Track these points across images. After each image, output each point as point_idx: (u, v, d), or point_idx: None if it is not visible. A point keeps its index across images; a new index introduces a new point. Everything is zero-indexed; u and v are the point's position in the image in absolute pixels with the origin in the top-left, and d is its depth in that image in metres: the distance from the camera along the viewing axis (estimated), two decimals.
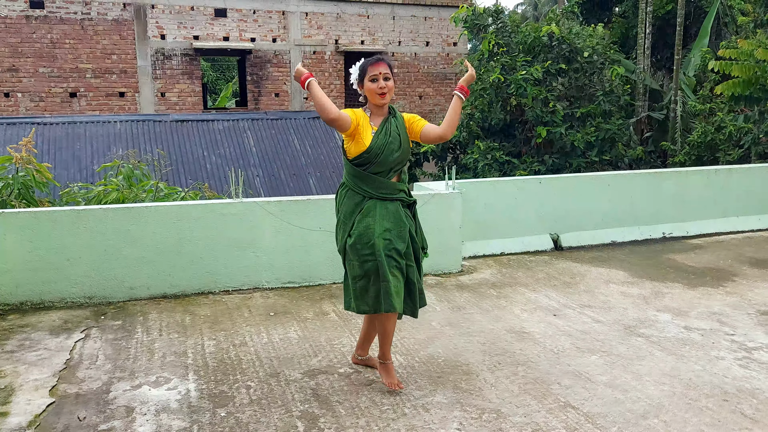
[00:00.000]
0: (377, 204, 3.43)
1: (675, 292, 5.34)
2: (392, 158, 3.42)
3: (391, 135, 3.43)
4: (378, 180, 3.42)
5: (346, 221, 3.46)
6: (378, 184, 3.43)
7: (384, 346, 3.55)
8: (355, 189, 3.45)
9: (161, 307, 4.95)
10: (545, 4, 43.05)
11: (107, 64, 15.78)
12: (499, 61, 12.09)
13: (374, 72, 3.39)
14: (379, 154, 3.38)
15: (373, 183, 3.43)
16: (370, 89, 3.41)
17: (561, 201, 6.82)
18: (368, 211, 3.41)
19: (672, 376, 3.73)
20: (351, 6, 17.60)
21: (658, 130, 14.56)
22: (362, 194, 3.44)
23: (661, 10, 16.50)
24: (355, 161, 3.43)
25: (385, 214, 3.41)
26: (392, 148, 3.41)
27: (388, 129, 3.43)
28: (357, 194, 3.45)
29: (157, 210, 5.09)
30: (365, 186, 3.43)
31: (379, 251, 3.34)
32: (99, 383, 3.64)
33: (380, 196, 3.43)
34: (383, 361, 3.58)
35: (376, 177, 3.42)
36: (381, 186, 3.44)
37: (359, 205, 3.44)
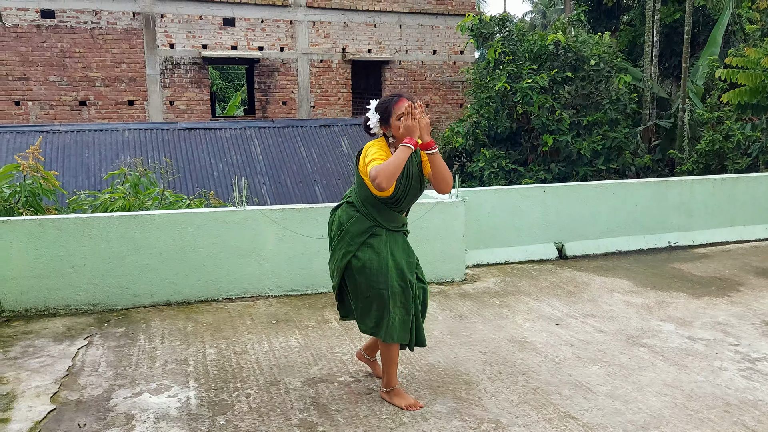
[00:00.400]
0: (386, 234, 3.41)
1: (679, 302, 5.30)
2: (413, 200, 3.46)
3: (413, 178, 3.38)
4: (393, 214, 3.43)
5: (352, 241, 3.39)
6: (392, 217, 3.43)
7: (388, 373, 3.49)
8: (367, 217, 3.40)
9: (164, 314, 4.97)
10: (554, 13, 43.13)
11: (116, 72, 15.92)
12: (505, 69, 12.11)
13: (400, 111, 3.27)
14: (401, 199, 3.39)
15: (388, 216, 3.41)
16: (397, 127, 3.28)
17: (565, 209, 6.80)
18: (379, 238, 3.38)
19: (674, 386, 3.71)
20: (358, 15, 17.69)
21: (666, 138, 14.50)
22: (372, 223, 3.40)
23: (669, 18, 16.46)
24: (380, 198, 3.36)
25: (396, 245, 3.42)
26: (414, 193, 3.42)
27: (410, 171, 3.35)
28: (367, 221, 3.40)
29: (161, 218, 5.12)
30: (379, 217, 3.39)
31: (392, 282, 3.34)
32: (100, 390, 3.66)
33: (390, 228, 3.42)
34: (389, 389, 3.51)
35: (392, 211, 3.42)
36: (394, 219, 3.44)
37: (368, 230, 3.39)
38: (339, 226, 3.47)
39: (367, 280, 3.36)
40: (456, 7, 18.58)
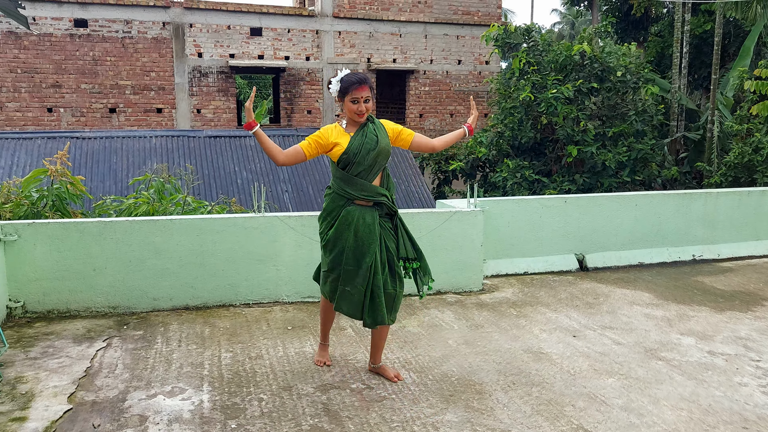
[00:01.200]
0: (357, 213, 3.64)
1: (701, 316, 5.20)
2: (370, 156, 3.63)
3: (367, 136, 3.65)
4: (360, 182, 3.64)
5: (324, 217, 3.75)
6: (360, 186, 3.64)
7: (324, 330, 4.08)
8: (340, 192, 3.68)
9: (182, 318, 5.03)
10: (582, 23, 42.85)
11: (146, 81, 16.24)
12: (530, 80, 12.06)
13: (356, 95, 3.60)
14: (357, 153, 3.62)
15: (356, 185, 3.65)
16: (349, 109, 3.65)
17: (587, 220, 6.73)
18: (346, 219, 3.65)
19: (690, 401, 3.63)
20: (383, 25, 17.80)
21: (694, 150, 14.28)
22: (346, 196, 3.67)
23: (699, 29, 16.25)
24: (339, 164, 3.65)
25: (360, 226, 3.63)
26: (368, 147, 3.62)
27: (364, 132, 3.69)
28: (341, 197, 3.69)
29: (181, 223, 5.19)
30: (349, 188, 3.66)
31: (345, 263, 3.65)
32: (116, 392, 3.72)
33: (363, 197, 3.64)
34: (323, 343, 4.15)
35: (358, 179, 3.63)
36: (363, 188, 3.65)
37: (341, 207, 3.68)
38: (322, 206, 3.83)
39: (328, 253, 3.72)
40: (482, 17, 18.58)
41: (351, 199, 3.66)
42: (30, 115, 15.60)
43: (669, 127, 14.24)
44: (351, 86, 3.61)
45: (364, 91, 3.61)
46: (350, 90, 3.61)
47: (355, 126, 3.70)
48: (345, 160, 3.62)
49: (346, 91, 3.62)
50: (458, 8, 18.39)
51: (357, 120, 3.66)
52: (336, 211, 3.69)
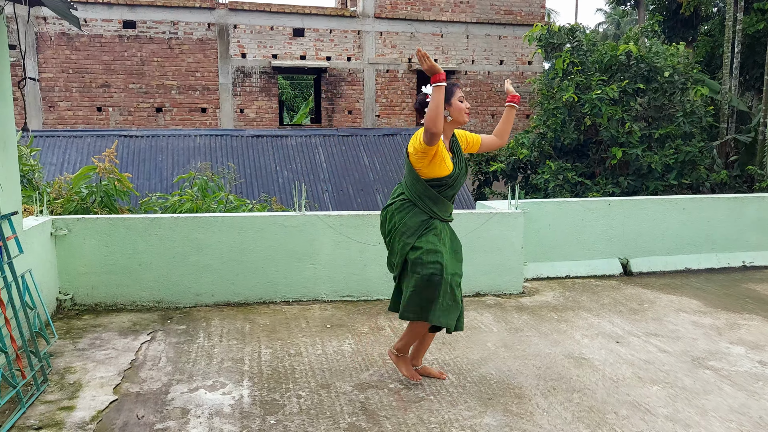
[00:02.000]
0: (440, 225, 3.61)
1: (752, 324, 5.02)
2: (461, 182, 3.66)
3: (462, 160, 3.65)
4: (447, 203, 3.63)
5: (410, 233, 3.55)
6: (446, 206, 3.64)
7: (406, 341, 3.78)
8: (423, 208, 3.57)
9: (224, 314, 5.10)
10: (628, 23, 41.95)
11: (191, 81, 16.57)
12: (573, 80, 11.85)
13: (461, 94, 3.61)
14: (457, 178, 3.60)
15: (442, 205, 3.61)
16: (460, 108, 3.59)
17: (631, 224, 6.57)
18: (435, 229, 3.56)
19: (740, 413, 3.50)
20: (425, 25, 17.76)
21: (745, 153, 13.79)
22: (429, 215, 3.58)
23: (752, 28, 15.70)
24: (432, 183, 3.55)
25: (449, 236, 3.65)
26: (462, 172, 3.66)
27: (459, 153, 3.67)
28: (423, 213, 3.58)
29: (223, 220, 5.28)
30: (435, 208, 3.58)
31: (446, 273, 3.51)
32: (159, 384, 3.79)
33: (444, 218, 3.62)
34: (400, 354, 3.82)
35: (446, 201, 3.62)
36: (447, 209, 3.65)
37: (425, 223, 3.57)
38: (394, 221, 3.62)
39: (422, 270, 3.49)
40: (525, 17, 18.36)
41: (433, 217, 3.59)
42: (80, 114, 16.09)
43: (719, 130, 13.80)
44: (454, 86, 3.61)
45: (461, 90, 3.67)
46: (454, 90, 3.59)
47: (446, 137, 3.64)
48: (444, 183, 3.55)
49: (451, 93, 3.58)
50: (500, 8, 18.22)
51: (466, 119, 3.61)
52: (420, 226, 3.56)
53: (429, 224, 3.56)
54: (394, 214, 3.63)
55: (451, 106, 3.58)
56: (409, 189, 3.60)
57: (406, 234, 3.55)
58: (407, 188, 3.61)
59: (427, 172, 3.53)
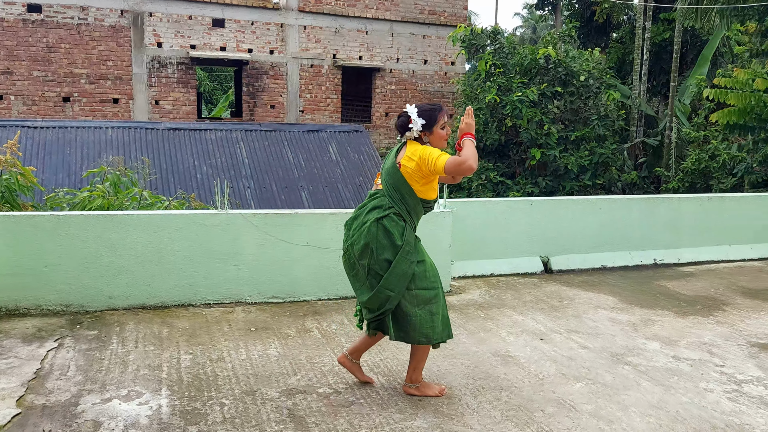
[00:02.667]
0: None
1: (665, 320, 5.25)
2: None
3: None
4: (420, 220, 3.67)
5: (412, 252, 3.47)
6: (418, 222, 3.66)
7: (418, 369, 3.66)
8: (411, 225, 3.55)
9: (139, 317, 4.82)
10: (544, 28, 43.50)
11: (102, 70, 15.72)
12: (496, 82, 12.10)
13: (444, 120, 3.52)
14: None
15: (419, 220, 3.62)
16: (442, 137, 3.51)
17: (552, 223, 6.75)
18: (419, 243, 3.59)
19: (659, 407, 3.63)
20: (349, 21, 17.65)
21: (653, 155, 14.59)
22: (413, 228, 3.58)
23: (658, 37, 16.62)
24: (424, 203, 3.56)
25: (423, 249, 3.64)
26: None
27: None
28: (411, 230, 3.56)
29: (140, 218, 4.98)
30: (416, 222, 3.62)
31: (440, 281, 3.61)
32: (68, 395, 3.51)
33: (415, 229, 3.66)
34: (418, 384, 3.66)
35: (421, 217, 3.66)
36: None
37: (416, 238, 3.57)
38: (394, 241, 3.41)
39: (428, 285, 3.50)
40: (448, 17, 18.61)
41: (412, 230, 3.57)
42: None
43: (629, 133, 14.52)
44: (436, 113, 3.47)
45: (446, 115, 3.55)
46: (437, 117, 3.47)
47: None
48: (430, 205, 3.58)
49: (432, 120, 3.46)
50: (424, 8, 18.37)
51: (444, 146, 3.56)
52: (416, 242, 3.54)
53: (417, 238, 3.57)
54: (389, 230, 3.40)
55: (432, 134, 3.49)
56: (403, 204, 3.47)
57: (410, 252, 3.43)
58: (401, 202, 3.46)
59: (422, 191, 3.50)
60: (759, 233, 7.74)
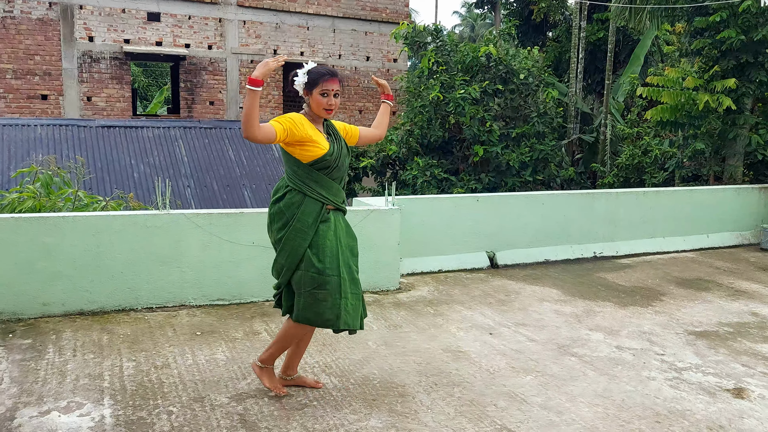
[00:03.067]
0: (333, 218, 3.40)
1: (606, 311, 5.41)
2: (345, 162, 3.46)
3: (339, 141, 3.46)
4: (336, 186, 3.42)
5: (306, 230, 3.31)
6: (335, 190, 3.41)
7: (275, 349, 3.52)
8: (313, 195, 3.33)
9: (77, 324, 4.60)
10: (482, 27, 44.20)
11: (29, 65, 14.97)
12: (439, 79, 12.19)
13: (327, 87, 3.33)
14: (338, 159, 3.39)
15: (332, 189, 3.40)
16: (318, 102, 3.34)
17: (497, 219, 6.86)
18: (330, 223, 3.37)
19: (604, 397, 3.73)
20: (290, 17, 17.43)
21: (589, 151, 15.04)
22: (322, 201, 3.35)
23: (593, 36, 17.14)
24: (316, 165, 3.32)
25: (344, 229, 3.45)
26: (344, 152, 3.46)
27: (336, 134, 3.47)
28: (316, 201, 3.34)
29: (75, 221, 4.75)
30: (326, 192, 3.36)
31: (343, 268, 3.35)
32: (2, 409, 3.32)
33: (336, 204, 3.41)
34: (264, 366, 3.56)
35: (335, 183, 3.41)
36: (338, 193, 3.44)
37: (319, 214, 3.34)
38: (286, 218, 3.34)
39: (320, 270, 3.30)
40: (390, 14, 18.64)
41: (325, 204, 3.35)
42: None
43: (566, 129, 14.92)
44: (321, 77, 3.31)
45: (335, 84, 3.33)
46: (320, 81, 3.31)
47: (317, 123, 3.41)
48: (325, 163, 3.32)
49: (315, 83, 3.31)
50: (366, 4, 18.33)
51: (324, 116, 3.38)
52: (314, 220, 3.31)
53: (323, 216, 3.33)
54: (283, 210, 3.34)
55: (311, 96, 3.34)
56: (292, 178, 3.35)
57: (302, 231, 3.29)
58: (290, 178, 3.36)
59: (305, 155, 3.30)
60: (691, 226, 8.10)
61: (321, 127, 3.43)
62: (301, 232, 3.31)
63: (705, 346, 4.63)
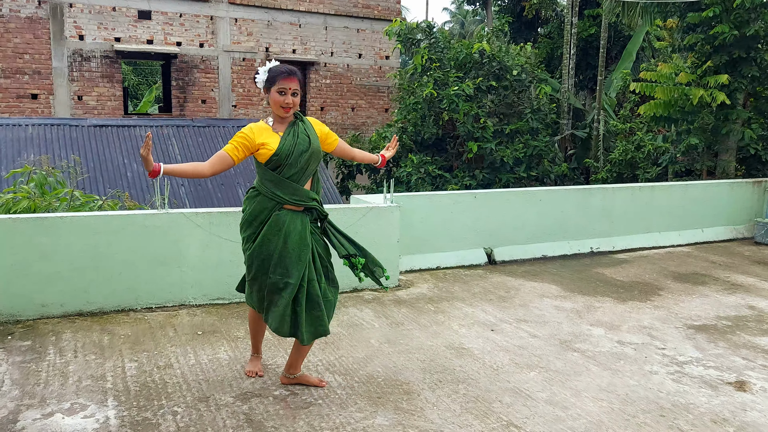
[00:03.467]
0: (287, 219, 3.37)
1: (606, 306, 5.43)
2: (303, 158, 3.39)
3: (299, 136, 3.42)
4: (293, 186, 3.39)
5: (251, 222, 3.42)
6: (293, 189, 3.39)
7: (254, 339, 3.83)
8: (269, 195, 3.38)
9: (76, 325, 4.56)
10: (472, 23, 44.22)
11: (19, 63, 14.81)
12: (432, 76, 12.18)
13: (283, 86, 3.34)
14: (289, 155, 3.36)
15: (287, 189, 3.38)
16: (275, 101, 3.37)
17: (495, 215, 6.86)
18: (276, 224, 3.36)
19: (609, 391, 3.75)
20: (282, 14, 17.35)
21: (581, 147, 15.09)
22: (275, 200, 3.38)
23: (585, 32, 17.18)
24: (268, 165, 3.36)
25: (291, 233, 3.37)
26: (301, 148, 3.38)
27: (295, 131, 3.43)
28: (270, 200, 3.38)
29: (73, 221, 4.71)
30: (280, 192, 3.37)
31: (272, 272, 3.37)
32: (5, 412, 3.28)
33: (294, 202, 3.38)
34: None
35: (290, 182, 3.37)
36: (295, 192, 3.39)
37: (270, 211, 3.38)
38: (245, 210, 3.48)
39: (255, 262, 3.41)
40: (382, 11, 18.59)
41: (280, 203, 3.37)
42: None
43: (559, 125, 14.96)
44: (278, 76, 3.34)
45: (293, 83, 3.34)
46: (277, 80, 3.33)
47: (282, 123, 3.42)
48: (275, 162, 3.33)
49: (273, 81, 3.34)
50: (358, 1, 18.27)
51: (282, 115, 3.38)
52: (263, 216, 3.38)
53: (271, 215, 3.35)
54: (245, 202, 3.49)
55: (270, 95, 3.37)
56: (256, 177, 3.50)
57: (249, 222, 3.42)
58: (258, 178, 3.47)
59: (259, 156, 3.37)
60: (685, 220, 8.14)
61: (284, 128, 3.42)
62: (248, 224, 3.43)
63: (705, 340, 4.66)
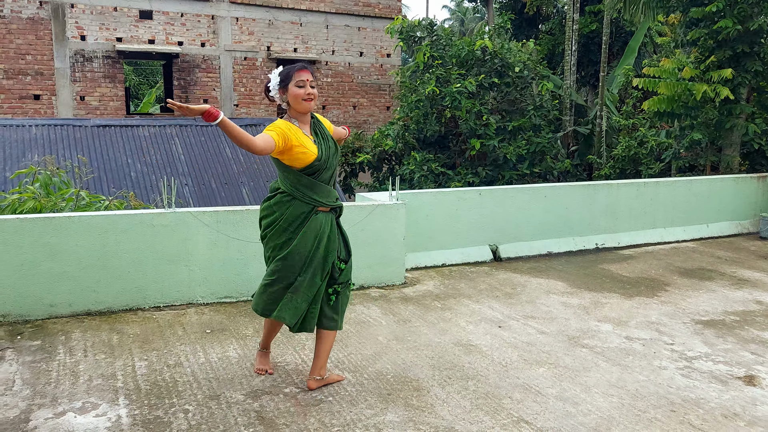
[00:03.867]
0: (323, 220, 3.41)
1: (613, 302, 5.43)
2: (334, 161, 3.47)
3: (328, 139, 3.47)
4: (327, 188, 3.44)
5: (286, 228, 3.38)
6: (327, 192, 3.44)
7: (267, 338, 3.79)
8: (304, 199, 3.38)
9: (85, 325, 4.57)
10: (472, 21, 44.18)
11: (21, 65, 14.83)
12: (434, 74, 12.17)
13: (301, 77, 3.34)
14: (327, 160, 3.41)
15: (322, 192, 3.42)
16: (296, 94, 3.33)
17: (500, 212, 6.86)
18: (315, 228, 3.38)
19: (619, 387, 3.75)
20: (284, 13, 17.34)
21: (584, 143, 15.07)
22: (311, 204, 3.39)
23: (586, 28, 17.16)
24: (307, 170, 3.35)
25: (329, 234, 3.44)
26: (332, 151, 3.47)
27: (323, 133, 3.47)
28: (305, 204, 3.39)
29: (81, 221, 4.72)
30: (316, 195, 3.39)
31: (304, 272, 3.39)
32: (16, 411, 3.29)
33: (327, 204, 3.43)
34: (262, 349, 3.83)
35: (324, 185, 3.43)
36: (329, 195, 3.45)
37: (306, 216, 3.39)
38: (275, 215, 3.41)
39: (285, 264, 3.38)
40: (382, 9, 18.59)
41: (316, 207, 3.38)
42: None
43: (561, 122, 14.94)
44: (292, 71, 3.34)
45: (308, 74, 3.35)
46: (293, 75, 3.33)
47: (304, 123, 3.41)
48: (316, 167, 3.34)
49: (289, 78, 3.33)
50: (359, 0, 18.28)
51: (305, 109, 3.35)
52: (299, 221, 3.36)
53: (309, 219, 3.36)
54: (273, 207, 3.41)
55: (288, 92, 3.34)
56: (283, 182, 3.40)
57: (286, 230, 3.37)
58: (282, 182, 3.42)
59: (295, 162, 3.32)
60: (690, 216, 8.14)
61: (308, 129, 3.42)
62: (282, 230, 3.38)
63: (713, 335, 4.66)
